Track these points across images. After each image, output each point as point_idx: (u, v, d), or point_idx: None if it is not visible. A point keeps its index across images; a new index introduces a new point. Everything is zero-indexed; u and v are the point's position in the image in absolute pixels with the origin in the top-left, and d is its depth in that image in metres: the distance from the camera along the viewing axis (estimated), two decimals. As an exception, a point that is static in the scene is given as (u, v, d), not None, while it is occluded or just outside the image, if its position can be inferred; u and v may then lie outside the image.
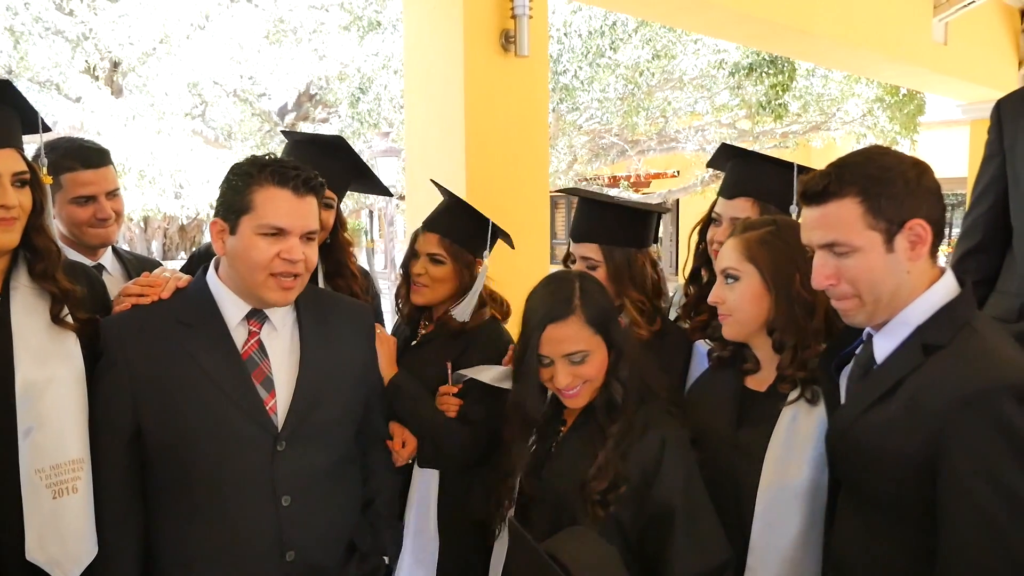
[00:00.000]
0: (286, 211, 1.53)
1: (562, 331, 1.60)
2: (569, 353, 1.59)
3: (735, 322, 1.64)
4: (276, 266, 1.54)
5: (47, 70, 9.49)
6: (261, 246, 1.53)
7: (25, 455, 1.49)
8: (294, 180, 1.54)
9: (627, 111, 9.45)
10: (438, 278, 2.04)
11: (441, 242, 2.03)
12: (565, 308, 1.60)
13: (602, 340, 1.61)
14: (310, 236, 1.58)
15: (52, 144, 2.10)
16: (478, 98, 3.31)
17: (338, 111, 10.89)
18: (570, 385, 1.61)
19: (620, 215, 2.01)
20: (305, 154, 2.06)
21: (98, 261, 2.19)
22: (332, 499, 1.66)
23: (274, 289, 1.55)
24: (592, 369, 1.61)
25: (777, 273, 1.59)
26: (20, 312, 1.55)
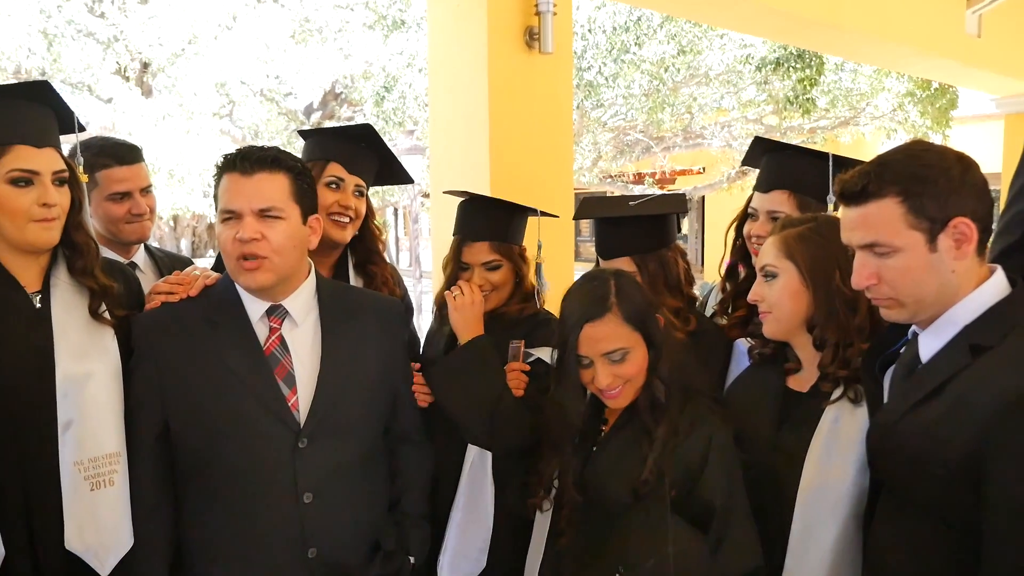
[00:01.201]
0: (232, 191, 1.55)
1: (600, 330, 1.58)
2: (608, 352, 1.58)
3: (774, 319, 1.63)
4: (236, 249, 1.54)
5: (79, 72, 9.66)
6: (224, 232, 1.56)
7: (65, 448, 1.53)
8: (237, 160, 1.56)
9: (652, 107, 9.39)
10: (499, 282, 2.00)
11: (492, 247, 1.99)
12: (601, 306, 1.58)
13: (641, 337, 1.60)
14: (268, 214, 1.55)
15: (87, 143, 2.16)
16: (502, 95, 3.31)
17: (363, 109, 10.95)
18: (611, 385, 1.59)
19: (643, 223, 1.98)
20: (332, 145, 2.08)
21: (131, 259, 2.25)
22: (355, 497, 1.66)
23: (241, 273, 1.56)
24: (632, 367, 1.59)
25: (815, 269, 1.58)
26: (60, 308, 1.59)
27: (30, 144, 1.53)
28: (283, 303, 1.62)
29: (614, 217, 2.01)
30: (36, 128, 1.55)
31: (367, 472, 1.70)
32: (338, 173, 2.04)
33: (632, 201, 2.02)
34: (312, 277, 1.69)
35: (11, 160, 1.51)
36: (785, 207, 1.95)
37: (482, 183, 3.14)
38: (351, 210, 2.04)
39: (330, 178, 2.03)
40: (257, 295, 1.61)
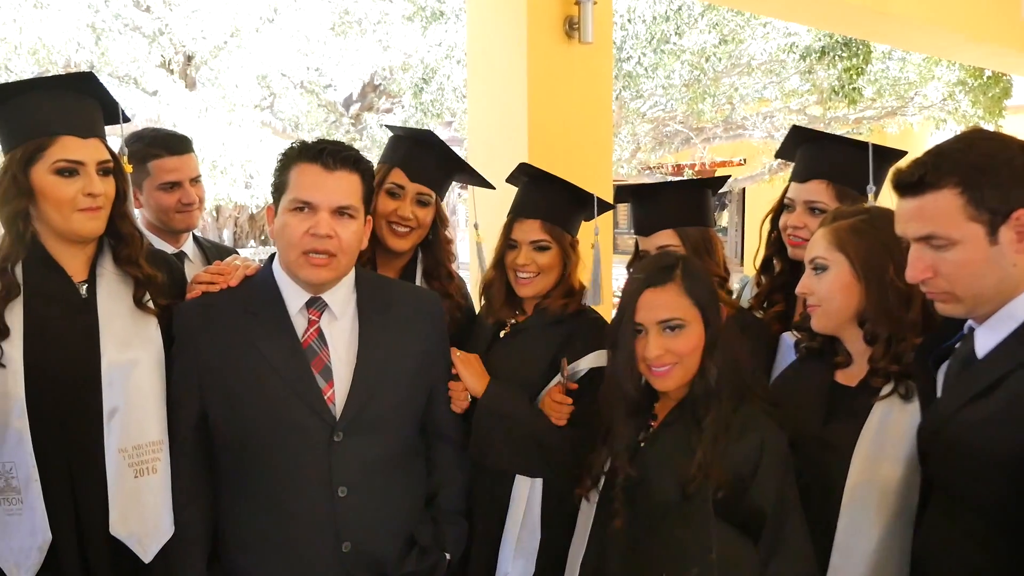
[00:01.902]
0: (312, 184, 1.53)
1: (659, 297, 1.54)
2: (663, 320, 1.54)
3: (824, 313, 1.59)
4: (306, 243, 1.53)
5: (126, 65, 9.84)
6: (292, 223, 1.54)
7: (110, 435, 1.56)
8: (323, 154, 1.54)
9: (692, 98, 9.25)
10: (545, 265, 1.92)
11: (544, 227, 1.92)
12: (666, 275, 1.56)
13: (699, 315, 1.55)
14: (342, 212, 1.55)
15: (138, 134, 2.24)
16: (541, 86, 3.29)
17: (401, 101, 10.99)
18: (660, 359, 1.54)
19: (681, 196, 1.95)
20: (402, 149, 2.06)
21: (180, 248, 2.30)
22: (390, 491, 1.66)
23: (305, 267, 1.55)
24: (686, 344, 1.54)
25: (868, 262, 1.53)
26: (105, 297, 1.62)
27: (75, 135, 1.56)
28: (323, 296, 1.63)
29: (653, 189, 2.01)
30: (81, 119, 1.58)
31: (403, 467, 1.70)
32: (399, 180, 2.02)
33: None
34: (352, 270, 1.69)
35: (57, 151, 1.54)
36: (823, 197, 1.91)
37: (520, 174, 3.12)
38: (409, 220, 2.02)
39: (391, 185, 2.02)
40: (302, 287, 1.61)
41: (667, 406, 1.64)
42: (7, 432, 1.50)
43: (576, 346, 1.89)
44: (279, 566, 1.59)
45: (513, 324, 2.02)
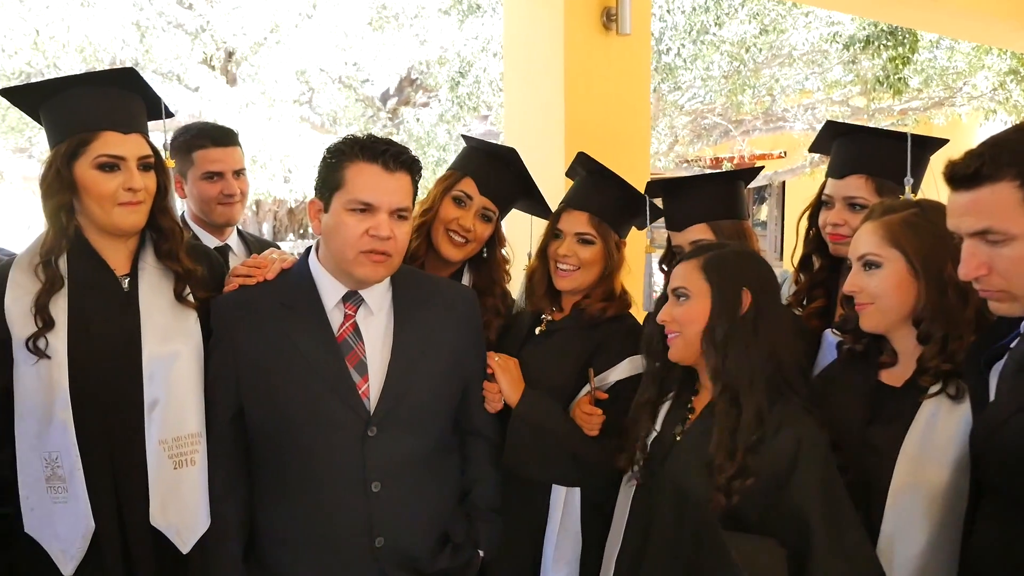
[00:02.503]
0: (374, 186, 1.53)
1: (681, 268, 1.60)
2: (675, 287, 1.59)
3: (877, 311, 1.53)
4: (364, 243, 1.53)
5: (169, 62, 10.03)
6: (350, 223, 1.53)
7: (151, 427, 1.59)
8: (384, 155, 1.53)
9: (732, 90, 9.11)
10: (587, 260, 1.89)
11: (591, 220, 1.90)
12: (697, 252, 1.62)
13: (709, 292, 1.55)
14: (401, 214, 1.56)
15: (187, 126, 2.32)
16: (578, 78, 3.26)
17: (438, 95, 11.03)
18: (667, 325, 1.59)
19: (713, 188, 1.91)
20: (480, 160, 2.05)
21: (225, 242, 2.34)
22: (424, 487, 1.65)
23: (364, 264, 1.55)
24: (685, 313, 1.56)
25: (927, 258, 1.47)
26: (147, 290, 1.64)
27: (117, 130, 1.58)
28: (360, 291, 1.63)
29: (683, 182, 1.97)
30: (123, 115, 1.60)
31: (436, 463, 1.70)
32: (468, 190, 2.01)
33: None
34: None
35: (99, 146, 1.56)
36: (863, 192, 1.85)
37: (557, 168, 3.09)
38: (470, 232, 2.00)
39: (459, 193, 2.01)
40: (342, 282, 1.61)
41: (704, 400, 1.61)
42: (52, 422, 1.53)
43: (608, 353, 1.86)
44: (313, 560, 1.60)
45: (549, 322, 2.00)
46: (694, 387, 1.65)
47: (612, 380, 1.84)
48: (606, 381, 1.84)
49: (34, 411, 1.54)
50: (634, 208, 1.97)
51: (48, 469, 1.55)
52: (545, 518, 1.91)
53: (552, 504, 1.90)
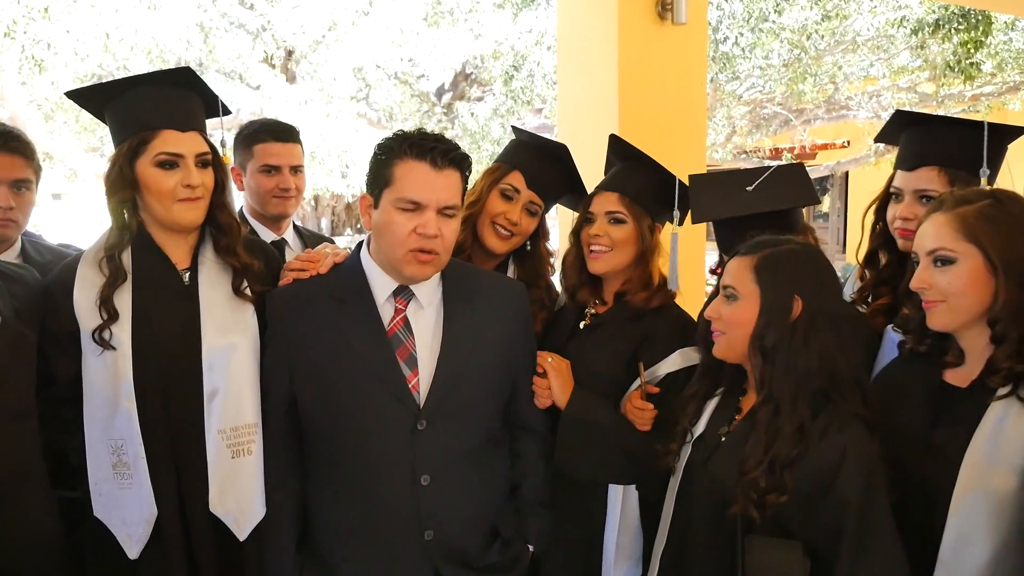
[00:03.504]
0: (422, 184, 1.53)
1: (732, 264, 1.54)
2: (724, 285, 1.54)
3: (948, 310, 1.43)
4: (412, 242, 1.53)
5: (231, 61, 10.30)
6: (399, 221, 1.54)
7: (210, 416, 1.63)
8: (432, 153, 1.52)
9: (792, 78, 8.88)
10: (619, 240, 1.86)
11: (622, 199, 1.87)
12: (753, 249, 1.53)
13: (758, 295, 1.48)
14: (448, 211, 1.55)
15: (251, 121, 2.40)
16: (633, 69, 3.22)
17: (492, 89, 11.06)
18: (714, 321, 1.54)
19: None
20: (529, 154, 2.04)
21: (281, 236, 2.39)
22: (473, 481, 1.65)
23: (411, 263, 1.56)
24: (732, 314, 1.50)
25: (1005, 253, 1.37)
26: (206, 284, 1.69)
27: (175, 128, 1.62)
28: (411, 285, 1.64)
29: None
30: (181, 113, 1.64)
31: (486, 457, 1.69)
32: (517, 184, 2.01)
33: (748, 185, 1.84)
34: None
35: (158, 144, 1.61)
36: (935, 185, 1.76)
37: (610, 161, 3.07)
38: (516, 226, 2.01)
39: (507, 186, 2.01)
40: (393, 277, 1.62)
41: (751, 401, 1.56)
42: (118, 411, 1.59)
43: (656, 345, 1.83)
44: (364, 552, 1.62)
45: (593, 315, 1.97)
46: (743, 386, 1.61)
47: (662, 373, 1.81)
48: (656, 374, 1.81)
49: (101, 400, 1.60)
50: (664, 188, 1.91)
51: (114, 456, 1.61)
52: (599, 514, 1.90)
53: (610, 502, 1.88)
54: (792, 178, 1.92)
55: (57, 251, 2.11)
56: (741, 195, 1.85)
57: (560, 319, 2.06)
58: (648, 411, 1.77)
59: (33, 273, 1.70)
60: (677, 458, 1.63)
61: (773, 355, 1.46)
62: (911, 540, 1.41)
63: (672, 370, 1.80)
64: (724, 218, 1.86)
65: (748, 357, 1.50)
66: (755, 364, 1.49)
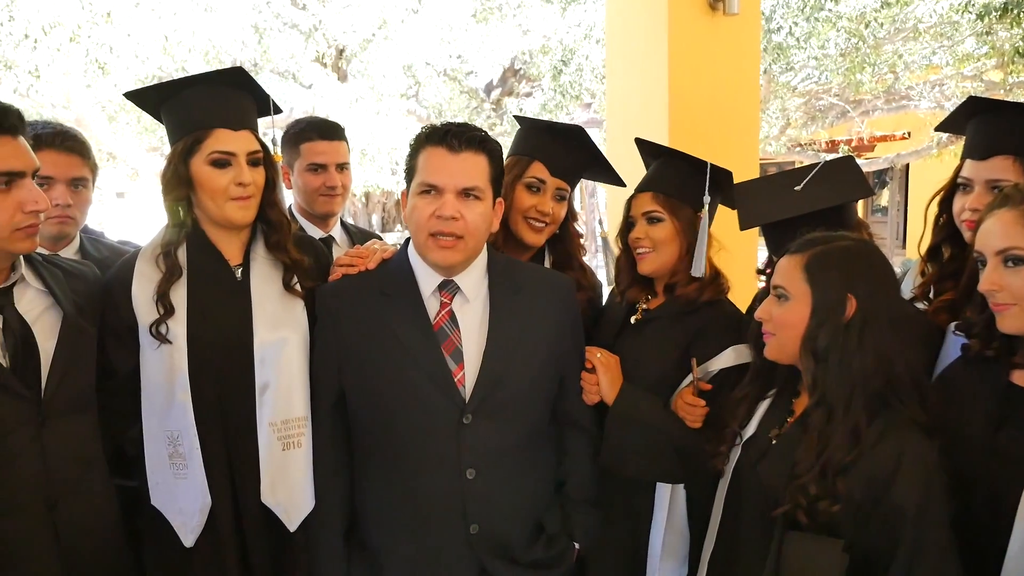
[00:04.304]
0: (437, 167, 1.54)
1: (783, 263, 1.49)
2: (776, 285, 1.50)
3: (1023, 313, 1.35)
4: (432, 225, 1.54)
5: (285, 61, 10.51)
6: (419, 205, 1.55)
7: (261, 409, 1.66)
8: (448, 136, 1.54)
9: (850, 68, 8.65)
10: (660, 239, 1.84)
11: (655, 198, 1.86)
12: (804, 247, 1.48)
13: (809, 294, 1.43)
14: (468, 193, 1.55)
15: (297, 120, 2.43)
16: (683, 62, 3.17)
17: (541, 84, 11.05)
18: (764, 322, 1.50)
19: (826, 173, 1.78)
20: (545, 142, 2.03)
21: (329, 233, 2.42)
22: (518, 476, 1.65)
23: (433, 248, 1.56)
24: (782, 315, 1.46)
25: None
26: (258, 280, 1.72)
27: (228, 127, 1.65)
28: (455, 279, 1.64)
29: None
30: (233, 112, 1.67)
31: (532, 452, 1.69)
32: (540, 175, 2.00)
33: (796, 185, 1.79)
34: (485, 253, 1.69)
35: (212, 143, 1.64)
36: (1009, 175, 1.67)
37: (660, 155, 3.03)
38: (548, 216, 2.00)
39: (531, 179, 1.99)
40: (434, 270, 1.63)
41: (804, 403, 1.52)
42: (173, 403, 1.63)
43: (708, 341, 1.80)
44: (410, 544, 1.63)
45: (644, 311, 1.95)
46: (796, 388, 1.56)
47: (714, 370, 1.78)
48: (709, 371, 1.78)
49: (158, 392, 1.64)
50: (699, 175, 1.86)
51: (171, 447, 1.65)
52: (646, 512, 1.88)
53: (657, 500, 1.86)
54: (842, 172, 1.86)
55: (114, 247, 2.19)
56: (789, 196, 1.80)
57: (610, 314, 2.04)
58: (700, 408, 1.74)
59: (93, 269, 1.76)
60: (726, 460, 1.60)
61: (826, 357, 1.41)
62: (974, 548, 1.36)
63: (725, 367, 1.77)
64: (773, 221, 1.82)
65: (800, 359, 1.46)
66: (807, 366, 1.44)
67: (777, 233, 1.80)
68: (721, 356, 1.77)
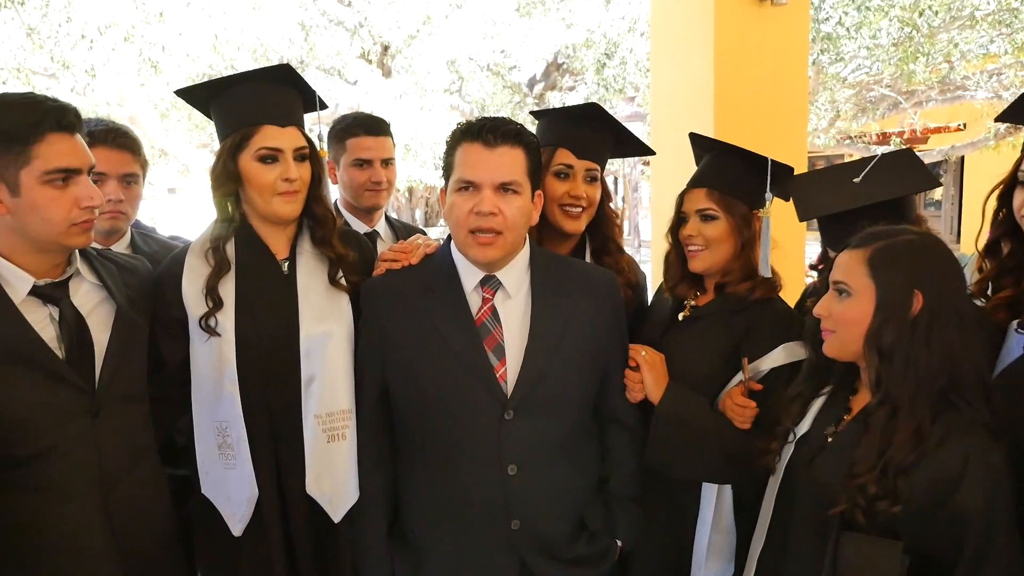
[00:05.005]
0: (474, 163, 1.53)
1: (844, 257, 1.44)
2: (836, 280, 1.45)
3: None
4: (471, 222, 1.54)
5: (331, 58, 10.64)
6: (457, 202, 1.55)
7: (307, 401, 1.68)
8: (482, 131, 1.53)
9: (902, 58, 8.40)
10: (713, 238, 1.81)
11: (710, 195, 1.82)
12: (866, 241, 1.43)
13: (874, 290, 1.39)
14: (506, 188, 1.54)
15: (343, 116, 2.46)
16: (729, 54, 3.12)
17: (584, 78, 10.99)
18: (824, 320, 1.46)
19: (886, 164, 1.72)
20: (564, 126, 2.02)
21: (374, 228, 2.45)
22: (560, 472, 1.64)
23: (472, 245, 1.56)
24: (844, 312, 1.42)
25: None
26: (304, 274, 1.75)
27: (275, 124, 1.68)
28: (497, 274, 1.64)
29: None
30: (280, 109, 1.70)
31: (574, 449, 1.68)
32: (567, 160, 1.98)
33: (855, 176, 1.74)
34: (527, 248, 1.68)
35: (259, 139, 1.67)
36: None
37: (705, 148, 2.98)
38: (582, 199, 1.98)
39: (559, 167, 1.98)
40: (476, 266, 1.63)
41: (862, 401, 1.48)
42: (222, 395, 1.66)
43: (759, 339, 1.76)
44: (451, 538, 1.64)
45: (693, 307, 1.92)
46: (854, 385, 1.52)
47: (765, 369, 1.74)
48: (759, 370, 1.74)
49: (206, 384, 1.68)
50: (756, 172, 1.83)
51: (219, 437, 1.68)
52: (692, 511, 1.86)
53: (703, 499, 1.84)
54: (903, 164, 1.80)
55: (163, 242, 2.24)
56: (848, 187, 1.75)
57: (657, 310, 2.01)
58: (749, 409, 1.71)
59: (145, 263, 1.80)
60: (777, 458, 1.57)
61: (891, 354, 1.37)
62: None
63: (775, 365, 1.73)
64: (832, 213, 1.77)
65: (863, 356, 1.42)
66: (871, 363, 1.40)
67: (835, 227, 1.75)
68: (771, 355, 1.74)
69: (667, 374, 1.76)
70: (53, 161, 1.43)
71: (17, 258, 1.48)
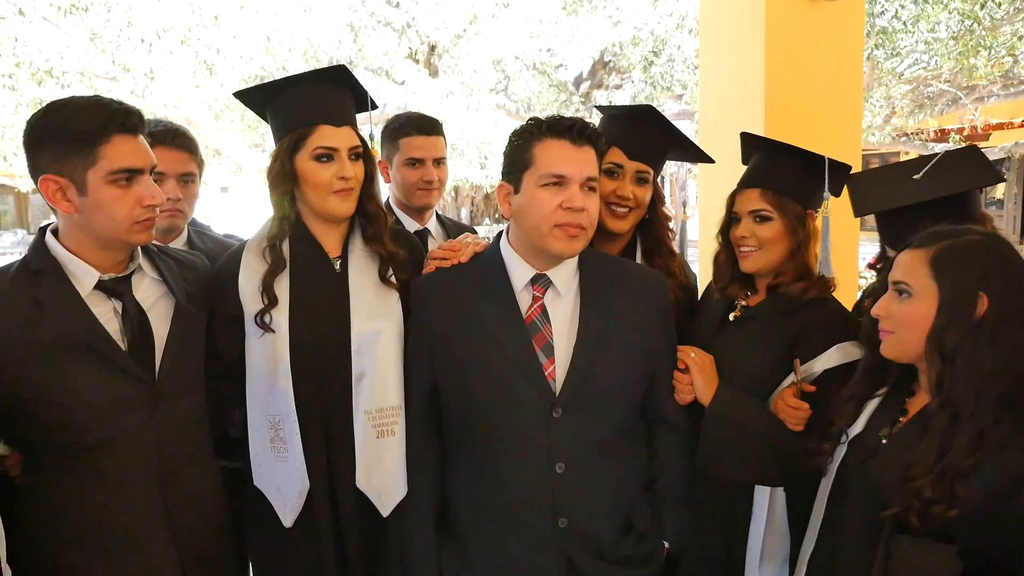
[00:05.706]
0: (564, 159, 1.55)
1: (906, 257, 1.41)
2: (896, 280, 1.41)
3: None
4: (560, 216, 1.55)
5: (379, 58, 10.77)
6: (544, 197, 1.56)
7: (358, 397, 1.71)
8: (570, 130, 1.56)
9: (962, 52, 8.13)
10: (767, 239, 1.79)
11: (764, 196, 1.80)
12: (928, 240, 1.39)
13: (936, 292, 1.35)
14: (591, 184, 1.57)
15: (397, 115, 2.50)
16: (781, 50, 3.06)
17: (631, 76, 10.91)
18: (881, 319, 1.43)
19: (948, 162, 1.68)
20: (619, 126, 2.02)
21: (425, 226, 2.48)
22: (608, 472, 1.64)
23: (560, 239, 1.57)
24: (904, 313, 1.38)
25: None
26: (355, 272, 1.77)
27: (331, 124, 1.71)
28: (548, 273, 1.64)
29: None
30: (336, 109, 1.73)
31: (622, 448, 1.67)
32: (617, 160, 1.98)
33: (915, 173, 1.69)
34: None
35: (316, 139, 1.70)
36: None
37: (755, 147, 2.93)
38: (629, 200, 1.97)
39: (609, 165, 1.97)
40: (531, 263, 1.64)
41: (920, 403, 1.45)
42: (275, 389, 1.70)
43: (811, 340, 1.73)
44: (499, 535, 1.64)
45: (744, 307, 1.90)
46: (910, 387, 1.49)
47: (818, 370, 1.71)
48: (811, 371, 1.71)
49: (261, 378, 1.72)
50: (812, 172, 1.79)
51: (272, 431, 1.72)
52: (743, 513, 1.83)
53: (756, 501, 1.82)
54: (966, 160, 1.75)
55: (219, 240, 2.30)
56: (908, 183, 1.71)
57: (707, 310, 1.99)
58: (802, 411, 1.68)
59: (203, 259, 1.85)
60: (830, 459, 1.54)
61: (953, 357, 1.33)
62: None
63: (829, 367, 1.70)
64: (892, 208, 1.73)
65: (924, 358, 1.38)
66: (932, 365, 1.36)
67: (894, 225, 1.72)
68: (825, 356, 1.70)
69: (717, 375, 1.74)
70: (118, 161, 1.48)
71: (84, 254, 1.54)
